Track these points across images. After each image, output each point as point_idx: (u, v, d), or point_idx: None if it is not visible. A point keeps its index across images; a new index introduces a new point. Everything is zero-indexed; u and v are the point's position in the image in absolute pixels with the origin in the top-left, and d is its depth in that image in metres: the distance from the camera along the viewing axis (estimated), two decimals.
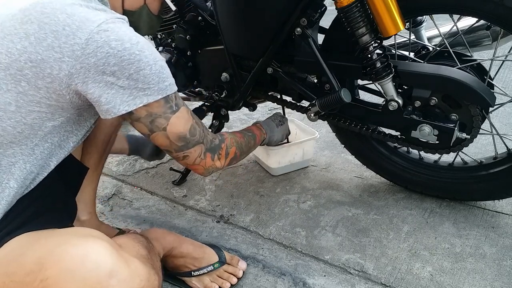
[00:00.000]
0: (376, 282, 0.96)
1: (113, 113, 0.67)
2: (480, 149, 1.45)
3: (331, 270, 1.00)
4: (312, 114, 1.08)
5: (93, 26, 0.63)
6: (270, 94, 1.23)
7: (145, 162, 1.56)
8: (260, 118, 1.90)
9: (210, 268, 0.96)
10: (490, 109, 1.02)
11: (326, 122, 1.18)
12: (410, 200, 1.24)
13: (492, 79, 1.05)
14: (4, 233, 0.67)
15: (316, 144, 1.59)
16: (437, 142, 1.00)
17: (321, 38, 1.10)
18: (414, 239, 1.09)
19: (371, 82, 1.01)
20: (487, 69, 1.04)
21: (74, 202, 0.91)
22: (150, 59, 0.67)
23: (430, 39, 1.43)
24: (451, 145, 1.02)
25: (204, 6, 1.19)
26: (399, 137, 1.08)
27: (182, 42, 1.22)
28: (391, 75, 0.98)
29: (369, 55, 0.96)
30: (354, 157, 1.31)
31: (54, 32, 0.62)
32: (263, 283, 0.98)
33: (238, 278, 0.98)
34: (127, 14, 0.79)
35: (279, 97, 1.23)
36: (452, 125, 0.97)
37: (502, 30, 1.06)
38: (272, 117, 1.23)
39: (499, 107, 1.09)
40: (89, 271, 0.59)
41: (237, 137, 0.98)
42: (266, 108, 2.00)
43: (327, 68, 1.01)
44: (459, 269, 0.98)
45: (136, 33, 0.68)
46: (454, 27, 1.09)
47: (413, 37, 1.33)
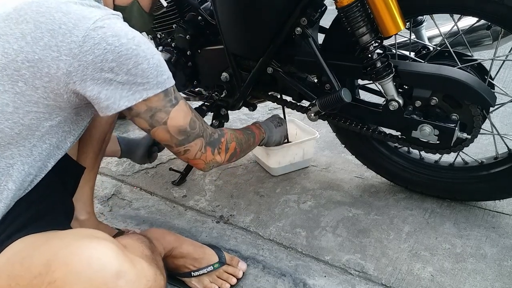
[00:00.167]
0: (376, 283, 0.96)
1: (113, 109, 0.67)
2: (480, 149, 1.45)
3: (332, 271, 1.00)
4: (312, 114, 1.08)
5: (89, 23, 0.63)
6: (270, 94, 1.23)
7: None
8: (260, 118, 1.89)
9: (209, 268, 0.96)
10: (491, 109, 1.02)
11: (326, 122, 1.17)
12: (410, 200, 1.24)
13: (492, 79, 1.05)
14: (4, 236, 0.66)
15: (316, 144, 1.59)
16: (437, 142, 1.00)
17: (321, 38, 1.10)
18: (415, 240, 1.08)
19: (372, 82, 1.01)
20: (488, 69, 1.03)
21: (71, 203, 0.90)
22: (147, 53, 0.67)
23: (430, 39, 1.43)
24: (452, 145, 1.01)
25: (195, 3, 1.19)
26: (400, 137, 1.08)
27: (182, 42, 1.22)
28: (392, 75, 0.97)
29: (369, 55, 0.96)
30: (355, 157, 1.31)
31: (50, 31, 0.62)
32: (263, 284, 0.97)
33: (238, 279, 0.98)
34: (118, 10, 0.79)
35: (279, 97, 1.23)
36: (452, 125, 0.97)
37: (502, 29, 1.06)
38: (270, 118, 1.23)
39: (500, 107, 1.09)
40: (95, 272, 0.59)
41: (237, 133, 0.98)
42: (266, 108, 1.99)
43: (327, 67, 1.01)
44: (460, 269, 0.98)
45: (131, 28, 0.68)
46: (455, 27, 1.08)
47: (413, 36, 1.32)
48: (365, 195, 1.29)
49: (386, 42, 1.02)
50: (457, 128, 0.97)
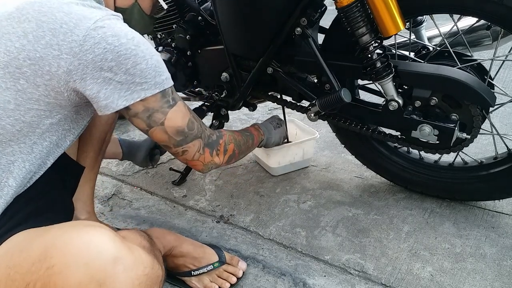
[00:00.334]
0: (376, 282, 0.96)
1: (111, 108, 0.68)
2: (480, 149, 1.45)
3: (331, 270, 1.00)
4: (312, 114, 1.08)
5: (89, 23, 0.64)
6: (270, 94, 1.23)
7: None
8: (260, 118, 1.90)
9: (209, 267, 0.96)
10: (491, 109, 1.02)
11: (326, 122, 1.17)
12: (410, 200, 1.24)
13: (492, 79, 1.05)
14: (3, 230, 0.67)
15: (316, 144, 1.59)
16: (437, 142, 1.00)
17: (321, 38, 1.10)
18: (414, 239, 1.08)
19: (371, 82, 1.01)
20: (488, 69, 1.03)
21: (71, 202, 0.90)
22: (146, 54, 0.68)
23: (430, 39, 1.43)
24: (452, 145, 1.01)
25: (195, 5, 1.19)
26: (399, 137, 1.08)
27: (182, 42, 1.22)
28: (391, 75, 0.97)
29: (369, 55, 0.96)
30: (354, 157, 1.31)
31: (52, 30, 0.63)
32: (263, 284, 0.98)
33: (238, 278, 0.98)
34: (119, 12, 0.80)
35: (279, 97, 1.23)
36: (452, 125, 0.97)
37: (502, 30, 1.06)
38: (270, 119, 1.24)
39: (499, 107, 1.09)
40: (93, 258, 0.60)
41: (235, 135, 0.99)
42: (266, 108, 2.00)
43: (327, 68, 1.01)
44: (460, 269, 0.98)
45: (131, 29, 0.69)
46: (455, 27, 1.08)
47: (413, 37, 1.33)
48: (364, 195, 1.29)
49: (386, 42, 1.03)
50: (456, 128, 0.97)
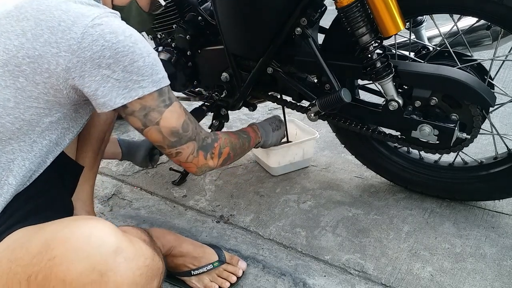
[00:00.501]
0: (376, 282, 0.96)
1: (109, 106, 0.68)
2: (480, 149, 1.45)
3: (331, 270, 1.00)
4: (312, 114, 1.08)
5: (87, 21, 0.64)
6: (270, 94, 1.23)
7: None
8: (260, 118, 1.90)
9: (209, 267, 0.96)
10: (491, 109, 1.02)
11: (326, 122, 1.17)
12: (410, 200, 1.24)
13: (492, 79, 1.05)
14: (4, 227, 0.67)
15: (316, 144, 1.59)
16: (437, 142, 1.00)
17: (321, 38, 1.10)
18: (414, 239, 1.08)
19: (371, 82, 1.01)
20: (488, 69, 1.03)
21: (70, 202, 0.90)
22: (143, 51, 0.68)
23: (430, 39, 1.43)
24: (452, 145, 1.01)
25: (194, 1, 1.19)
26: (399, 137, 1.08)
27: (182, 42, 1.22)
28: (391, 75, 0.97)
29: (369, 55, 0.96)
30: (354, 157, 1.31)
31: (50, 28, 0.64)
32: (263, 283, 0.98)
33: (238, 277, 0.98)
34: (117, 10, 0.80)
35: (279, 97, 1.23)
36: (452, 125, 0.97)
37: (502, 30, 1.06)
38: (269, 119, 1.23)
39: (499, 107, 1.09)
40: (94, 249, 0.60)
41: (231, 137, 0.98)
42: (266, 108, 2.00)
43: (327, 68, 1.01)
44: (460, 269, 0.98)
45: (129, 26, 0.69)
46: (455, 27, 1.08)
47: (413, 37, 1.32)
48: (364, 195, 1.29)
49: (386, 42, 1.03)
50: (456, 128, 0.97)
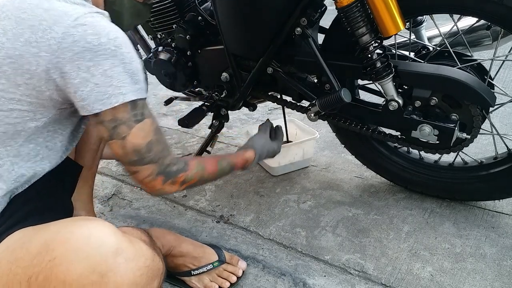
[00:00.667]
0: (376, 282, 0.96)
1: (87, 110, 0.66)
2: (480, 149, 1.45)
3: (331, 270, 1.00)
4: (312, 114, 1.08)
5: (70, 20, 0.62)
6: (270, 94, 1.23)
7: None
8: (260, 118, 1.90)
9: (209, 267, 0.96)
10: (491, 109, 1.02)
11: (326, 122, 1.17)
12: (410, 200, 1.24)
13: (492, 79, 1.05)
14: (3, 228, 0.67)
15: (316, 144, 1.59)
16: (437, 142, 1.00)
17: (321, 38, 1.10)
18: (414, 239, 1.08)
19: (371, 82, 1.01)
20: (488, 69, 1.03)
21: (70, 202, 0.90)
22: (126, 57, 0.65)
23: (430, 39, 1.43)
24: (452, 145, 1.01)
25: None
26: (399, 137, 1.08)
27: (182, 42, 1.22)
28: (391, 75, 0.97)
29: (369, 55, 0.96)
30: (354, 157, 1.31)
31: (31, 27, 0.62)
32: (263, 283, 0.98)
33: (238, 277, 0.98)
34: (109, 4, 0.78)
35: (279, 97, 1.23)
36: (452, 125, 0.97)
37: (502, 30, 1.06)
38: (264, 139, 1.10)
39: (499, 107, 1.09)
40: (94, 249, 0.60)
41: (206, 170, 0.87)
42: (266, 108, 2.00)
43: (327, 68, 1.01)
44: (459, 269, 0.98)
45: (116, 28, 0.66)
46: (454, 27, 1.08)
47: (413, 37, 1.32)
48: (364, 195, 1.29)
49: (386, 42, 1.03)
50: (456, 128, 0.97)
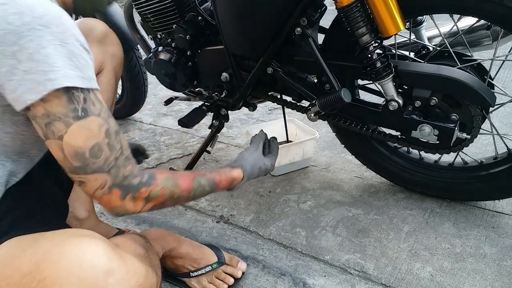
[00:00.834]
0: (376, 282, 0.96)
1: (21, 103, 0.56)
2: (480, 149, 1.45)
3: (331, 270, 1.00)
4: (312, 114, 1.08)
5: None
6: (270, 94, 1.23)
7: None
8: (260, 118, 1.90)
9: (208, 268, 0.96)
10: (491, 109, 1.02)
11: (326, 122, 1.17)
12: (410, 200, 1.24)
13: (492, 79, 1.05)
14: None
15: (316, 144, 1.59)
16: (437, 142, 1.00)
17: (321, 38, 1.10)
18: (414, 239, 1.08)
19: (371, 82, 1.01)
20: (488, 69, 1.03)
21: (65, 202, 0.90)
22: (56, 37, 0.55)
23: (430, 39, 1.43)
24: (452, 145, 1.01)
25: None
26: (399, 137, 1.08)
27: (182, 42, 1.22)
28: (391, 75, 0.97)
29: (369, 55, 0.96)
30: (354, 157, 1.31)
31: None
32: (263, 283, 0.98)
33: (237, 279, 0.98)
34: None
35: (279, 97, 1.23)
36: (452, 125, 0.97)
37: (502, 30, 1.06)
38: (256, 156, 0.98)
39: (499, 107, 1.09)
40: (85, 271, 0.58)
41: (179, 187, 0.75)
42: (266, 108, 2.00)
43: (327, 68, 1.01)
44: (460, 269, 0.98)
45: (46, 3, 0.57)
46: (454, 27, 1.09)
47: (413, 37, 1.32)
48: (364, 195, 1.29)
49: (386, 42, 1.02)
50: (456, 128, 0.97)
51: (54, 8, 0.57)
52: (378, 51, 0.96)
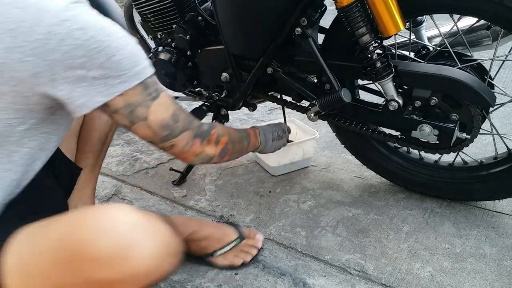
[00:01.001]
0: (376, 282, 0.96)
1: (88, 107, 0.62)
2: (480, 149, 1.45)
3: (331, 270, 1.00)
4: (312, 114, 1.08)
5: (51, 17, 0.57)
6: (270, 94, 1.23)
7: (145, 162, 1.56)
8: (260, 118, 1.90)
9: (232, 245, 1.02)
10: (491, 109, 1.02)
11: (326, 122, 1.17)
12: (410, 200, 1.24)
13: (492, 79, 1.05)
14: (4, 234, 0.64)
15: (316, 144, 1.59)
16: (437, 142, 1.00)
17: (321, 38, 1.10)
18: (414, 239, 1.08)
19: (371, 82, 1.01)
20: (488, 69, 1.03)
21: (66, 204, 0.89)
22: (119, 44, 0.62)
23: (430, 39, 1.43)
24: (452, 145, 1.01)
25: None
26: (399, 137, 1.08)
27: (182, 42, 1.22)
28: (391, 75, 0.97)
29: (369, 55, 0.96)
30: (354, 157, 1.31)
31: (10, 31, 0.56)
32: (263, 283, 0.98)
33: (259, 249, 1.05)
34: None
35: (279, 97, 1.23)
36: (452, 125, 0.97)
37: (502, 30, 1.06)
38: (273, 126, 1.16)
39: (499, 107, 1.09)
40: (119, 227, 0.58)
41: (229, 130, 0.94)
42: (266, 108, 2.00)
43: (327, 68, 1.01)
44: (460, 269, 0.98)
45: (100, 16, 0.63)
46: (454, 27, 1.09)
47: (413, 37, 1.32)
48: (364, 195, 1.29)
49: (386, 42, 1.03)
50: (456, 128, 0.97)
51: (103, 18, 0.63)
52: (378, 51, 0.96)
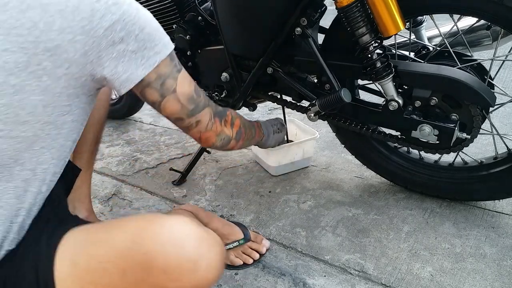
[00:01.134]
0: (376, 282, 0.96)
1: (133, 81, 0.65)
2: (480, 149, 1.45)
3: (331, 270, 1.00)
4: (312, 114, 1.08)
5: None
6: (270, 94, 1.23)
7: (145, 162, 1.56)
8: (260, 118, 1.90)
9: (235, 244, 1.02)
10: (491, 109, 1.02)
11: (326, 122, 1.17)
12: (410, 200, 1.24)
13: (492, 79, 1.05)
14: (49, 233, 0.65)
15: (316, 144, 1.59)
16: (437, 142, 1.00)
17: (321, 38, 1.10)
18: (414, 239, 1.08)
19: (371, 82, 1.01)
20: (488, 69, 1.03)
21: (65, 203, 0.90)
22: (147, 17, 0.65)
23: (430, 39, 1.43)
24: (452, 145, 1.01)
25: None
26: (399, 137, 1.08)
27: (182, 42, 1.22)
28: (391, 75, 0.97)
29: (369, 55, 0.96)
30: (354, 157, 1.31)
31: (60, 12, 0.57)
32: (263, 283, 0.98)
33: (261, 255, 1.04)
34: None
35: (279, 97, 1.23)
36: (452, 125, 0.97)
37: (502, 30, 1.06)
38: (273, 121, 1.21)
39: (499, 107, 1.09)
40: (183, 239, 0.60)
41: (239, 114, 0.97)
42: (266, 108, 2.00)
43: (327, 68, 1.01)
44: (460, 269, 0.98)
45: None
46: (454, 27, 1.09)
47: (413, 37, 1.33)
48: (364, 195, 1.29)
49: (386, 42, 1.03)
50: (456, 128, 0.97)
51: None
52: (378, 51, 0.96)
